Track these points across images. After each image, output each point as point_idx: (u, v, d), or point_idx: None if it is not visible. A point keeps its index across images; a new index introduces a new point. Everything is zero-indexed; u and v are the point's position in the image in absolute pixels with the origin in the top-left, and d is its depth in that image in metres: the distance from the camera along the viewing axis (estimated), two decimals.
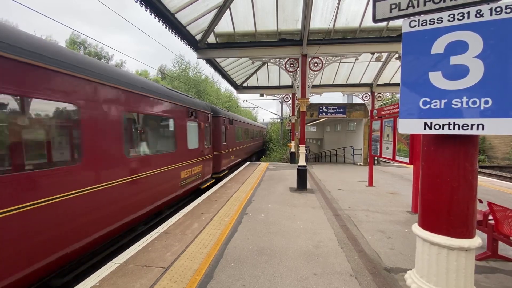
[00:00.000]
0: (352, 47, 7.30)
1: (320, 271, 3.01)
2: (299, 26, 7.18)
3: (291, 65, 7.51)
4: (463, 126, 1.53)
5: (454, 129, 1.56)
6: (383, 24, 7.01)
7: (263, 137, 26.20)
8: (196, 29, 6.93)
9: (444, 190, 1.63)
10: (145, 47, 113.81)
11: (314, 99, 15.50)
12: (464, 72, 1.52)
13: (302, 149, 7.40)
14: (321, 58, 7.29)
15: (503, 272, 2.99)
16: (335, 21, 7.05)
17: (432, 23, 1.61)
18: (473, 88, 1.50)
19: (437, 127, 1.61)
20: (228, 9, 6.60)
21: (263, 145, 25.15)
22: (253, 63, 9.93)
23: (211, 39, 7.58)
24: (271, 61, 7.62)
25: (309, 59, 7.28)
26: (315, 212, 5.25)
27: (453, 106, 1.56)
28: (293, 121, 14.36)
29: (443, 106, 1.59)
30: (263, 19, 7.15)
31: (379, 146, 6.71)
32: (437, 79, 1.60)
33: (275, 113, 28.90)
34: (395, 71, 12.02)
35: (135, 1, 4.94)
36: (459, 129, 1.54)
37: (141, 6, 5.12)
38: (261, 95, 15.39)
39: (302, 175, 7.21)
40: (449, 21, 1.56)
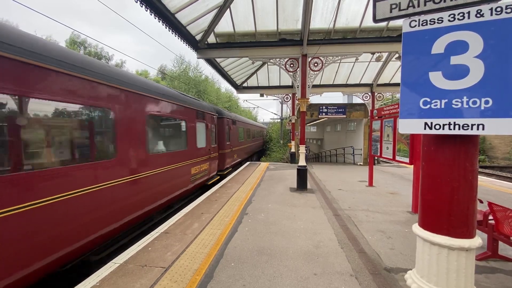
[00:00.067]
0: (352, 47, 7.30)
1: (320, 271, 3.01)
2: (299, 26, 7.17)
3: (291, 65, 7.51)
4: (463, 126, 1.53)
5: (454, 129, 1.56)
6: (383, 24, 7.01)
7: (263, 137, 26.21)
8: (196, 29, 6.93)
9: (444, 190, 1.63)
10: (145, 47, 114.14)
11: (314, 99, 15.50)
12: (465, 72, 1.52)
13: (302, 149, 7.40)
14: (321, 58, 7.28)
15: (503, 272, 2.99)
16: (335, 21, 7.05)
17: (433, 23, 1.61)
18: (474, 88, 1.50)
19: (437, 127, 1.61)
20: (228, 9, 6.60)
21: (263, 145, 25.15)
22: (253, 63, 9.93)
23: (211, 39, 7.58)
24: (271, 61, 7.62)
25: (309, 59, 7.27)
26: (315, 212, 5.25)
27: (454, 106, 1.56)
28: (293, 121, 14.35)
29: (443, 106, 1.59)
30: (263, 19, 7.15)
31: (379, 146, 6.71)
32: (437, 79, 1.60)
33: (275, 113, 28.93)
34: (395, 71, 12.01)
35: (135, 1, 4.94)
36: (459, 129, 1.54)
37: (141, 6, 5.12)
38: (261, 95, 15.38)
39: (302, 175, 7.21)
40: (449, 21, 1.56)
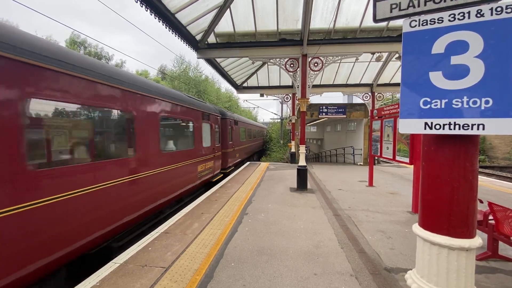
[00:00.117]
0: (352, 47, 7.30)
1: (320, 271, 3.01)
2: (299, 26, 7.17)
3: (291, 65, 7.50)
4: (463, 126, 1.53)
5: (454, 129, 1.55)
6: (383, 24, 7.01)
7: (263, 137, 26.22)
8: (196, 29, 6.93)
9: (444, 190, 1.63)
10: (145, 47, 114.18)
11: (314, 99, 15.50)
12: (465, 72, 1.52)
13: (302, 149, 7.40)
14: (321, 58, 7.28)
15: (503, 272, 2.99)
16: (335, 21, 7.04)
17: (433, 23, 1.61)
18: (474, 88, 1.50)
19: (437, 127, 1.61)
20: (228, 9, 6.60)
21: (263, 145, 25.16)
22: (253, 63, 9.93)
23: (211, 39, 7.58)
24: (271, 61, 7.61)
25: (309, 59, 7.27)
26: (315, 212, 5.24)
27: (454, 106, 1.56)
28: (293, 121, 14.34)
29: (443, 106, 1.59)
30: (263, 19, 7.15)
31: (379, 146, 6.71)
32: (437, 79, 1.60)
33: (275, 113, 28.91)
34: (395, 71, 12.01)
35: (135, 1, 4.94)
36: (459, 129, 1.54)
37: (141, 6, 5.12)
38: (261, 95, 15.37)
39: (302, 175, 7.21)
40: (449, 21, 1.56)
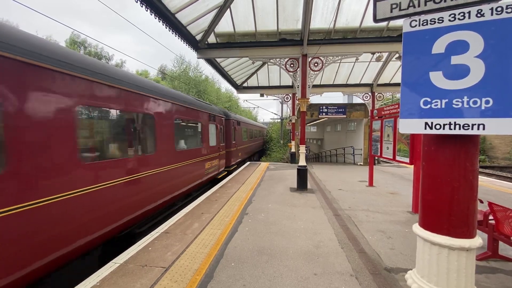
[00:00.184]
0: (353, 47, 7.29)
1: (321, 271, 3.01)
2: (299, 26, 7.17)
3: (292, 65, 7.50)
4: (463, 126, 1.53)
5: (455, 129, 1.56)
6: (384, 24, 7.00)
7: (263, 137, 26.22)
8: (197, 29, 6.93)
9: (444, 190, 1.63)
10: (145, 47, 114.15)
11: (314, 99, 15.49)
12: (465, 72, 1.52)
13: (303, 149, 7.40)
14: (321, 58, 7.28)
15: (503, 272, 2.99)
16: (335, 21, 7.04)
17: (433, 23, 1.61)
18: (474, 88, 1.50)
19: (437, 127, 1.61)
20: (228, 9, 6.60)
21: (263, 144, 25.16)
22: (253, 63, 9.93)
23: (212, 39, 7.58)
24: (271, 61, 7.61)
25: (310, 59, 7.27)
26: (315, 212, 5.24)
27: (454, 106, 1.56)
28: (293, 121, 14.34)
29: (444, 106, 1.59)
30: (263, 19, 7.15)
31: (379, 146, 6.71)
32: (438, 79, 1.60)
33: (275, 113, 28.93)
34: (396, 71, 12.01)
35: (135, 1, 4.94)
36: (460, 129, 1.54)
37: (141, 6, 5.12)
38: (261, 95, 15.36)
39: (302, 175, 7.21)
40: (450, 20, 1.56)
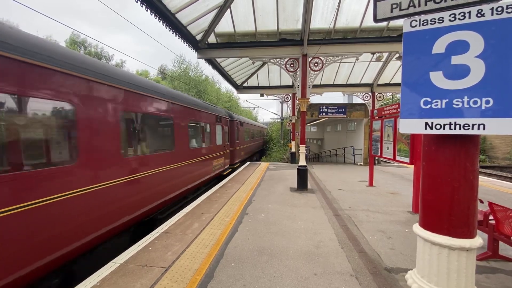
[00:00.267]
0: (353, 47, 7.29)
1: (321, 271, 3.01)
2: (299, 26, 7.17)
3: (292, 65, 7.50)
4: (464, 126, 1.53)
5: (455, 129, 1.55)
6: (384, 24, 7.00)
7: (263, 137, 26.23)
8: (197, 29, 6.93)
9: (445, 190, 1.63)
10: (146, 47, 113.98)
11: (314, 99, 15.50)
12: (465, 72, 1.52)
13: (303, 149, 7.40)
14: (321, 58, 7.28)
15: (503, 272, 2.99)
16: (335, 21, 7.04)
17: (433, 22, 1.61)
18: (474, 88, 1.50)
19: (438, 127, 1.61)
20: (229, 9, 6.60)
21: (263, 144, 25.17)
22: (253, 63, 9.93)
23: (212, 39, 7.58)
24: (271, 61, 7.61)
25: (310, 59, 7.27)
26: (315, 212, 5.24)
27: (454, 106, 1.56)
28: (293, 121, 14.34)
29: (444, 106, 1.59)
30: (263, 19, 7.15)
31: (379, 146, 6.71)
32: (438, 79, 1.60)
33: (275, 113, 28.93)
34: (396, 71, 12.00)
35: (136, 1, 4.94)
36: (460, 129, 1.54)
37: (141, 6, 5.12)
38: (262, 95, 15.36)
39: (302, 175, 7.21)
40: (450, 20, 1.56)
